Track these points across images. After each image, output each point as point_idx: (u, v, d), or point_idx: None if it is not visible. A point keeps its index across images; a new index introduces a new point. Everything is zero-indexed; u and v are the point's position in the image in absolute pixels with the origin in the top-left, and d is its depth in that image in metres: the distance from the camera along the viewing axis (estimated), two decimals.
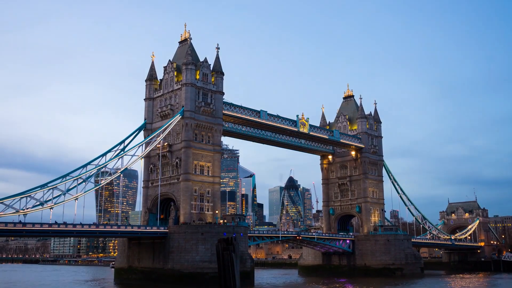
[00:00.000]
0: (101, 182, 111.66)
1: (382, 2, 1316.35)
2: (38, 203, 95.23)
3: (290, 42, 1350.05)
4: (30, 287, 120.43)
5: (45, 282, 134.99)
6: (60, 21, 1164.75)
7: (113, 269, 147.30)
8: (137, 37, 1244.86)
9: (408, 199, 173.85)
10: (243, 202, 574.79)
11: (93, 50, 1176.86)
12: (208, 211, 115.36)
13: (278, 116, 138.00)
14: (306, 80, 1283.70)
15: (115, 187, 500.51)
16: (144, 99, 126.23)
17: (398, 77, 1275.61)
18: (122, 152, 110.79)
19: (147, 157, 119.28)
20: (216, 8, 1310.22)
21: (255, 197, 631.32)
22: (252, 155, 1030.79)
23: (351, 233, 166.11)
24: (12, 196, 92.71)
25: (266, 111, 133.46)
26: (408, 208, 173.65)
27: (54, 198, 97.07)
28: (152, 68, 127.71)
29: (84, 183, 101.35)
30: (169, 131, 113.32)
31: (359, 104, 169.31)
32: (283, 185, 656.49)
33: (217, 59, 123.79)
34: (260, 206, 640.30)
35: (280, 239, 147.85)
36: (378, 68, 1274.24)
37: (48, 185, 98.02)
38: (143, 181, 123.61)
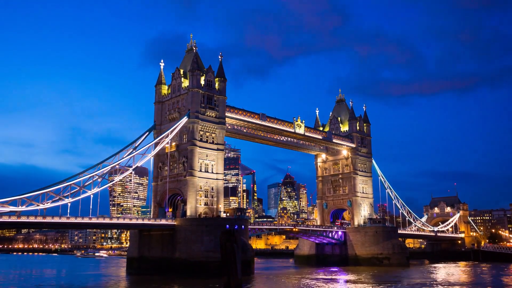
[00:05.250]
0: (115, 179, 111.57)
1: (375, 9, 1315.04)
2: (57, 198, 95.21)
3: (288, 48, 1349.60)
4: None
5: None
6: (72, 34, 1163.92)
7: None
8: (145, 45, 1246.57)
9: (396, 195, 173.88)
10: (244, 197, 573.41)
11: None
12: (212, 205, 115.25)
13: (276, 118, 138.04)
14: (303, 84, 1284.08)
15: (127, 184, 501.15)
16: (154, 103, 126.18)
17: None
18: (134, 151, 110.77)
19: (157, 156, 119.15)
20: (219, 18, 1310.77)
21: (255, 192, 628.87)
22: (252, 153, 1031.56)
23: (343, 225, 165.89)
24: (33, 191, 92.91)
25: (265, 114, 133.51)
26: (394, 203, 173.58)
27: (71, 193, 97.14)
28: (161, 75, 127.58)
29: (99, 179, 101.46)
30: (177, 132, 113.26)
31: (350, 107, 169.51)
32: (281, 182, 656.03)
33: (221, 66, 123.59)
34: (260, 200, 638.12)
35: (278, 231, 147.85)
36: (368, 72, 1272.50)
37: (66, 181, 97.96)
38: (153, 178, 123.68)
